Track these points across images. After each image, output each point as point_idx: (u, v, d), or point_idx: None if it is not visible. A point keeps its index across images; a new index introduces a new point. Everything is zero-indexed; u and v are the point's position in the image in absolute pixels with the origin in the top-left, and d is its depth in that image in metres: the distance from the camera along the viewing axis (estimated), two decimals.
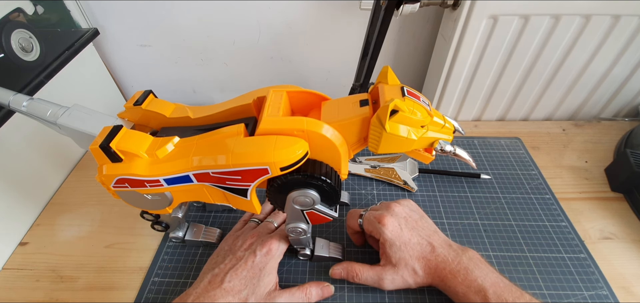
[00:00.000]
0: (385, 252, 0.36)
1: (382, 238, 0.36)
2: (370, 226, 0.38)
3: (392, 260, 0.35)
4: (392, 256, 0.35)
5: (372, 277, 0.36)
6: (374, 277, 0.36)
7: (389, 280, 0.35)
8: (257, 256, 0.36)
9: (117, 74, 0.70)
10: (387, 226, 0.36)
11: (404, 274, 0.35)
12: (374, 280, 0.36)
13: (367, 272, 0.36)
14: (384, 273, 0.35)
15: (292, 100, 0.30)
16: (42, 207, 0.51)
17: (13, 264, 0.45)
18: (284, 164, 0.24)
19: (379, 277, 0.36)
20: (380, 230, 0.36)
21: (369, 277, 0.36)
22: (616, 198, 0.48)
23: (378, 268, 0.36)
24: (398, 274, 0.35)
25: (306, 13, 0.58)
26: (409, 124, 0.25)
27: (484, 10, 0.46)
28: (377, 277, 0.36)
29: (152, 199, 0.30)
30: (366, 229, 0.39)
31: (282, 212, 0.38)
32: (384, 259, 0.36)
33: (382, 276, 0.35)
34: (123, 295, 0.41)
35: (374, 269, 0.36)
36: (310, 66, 0.67)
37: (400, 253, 0.35)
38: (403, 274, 0.35)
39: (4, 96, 0.31)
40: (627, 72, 0.54)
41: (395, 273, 0.35)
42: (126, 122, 0.32)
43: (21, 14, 0.47)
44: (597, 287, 0.39)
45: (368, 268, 0.37)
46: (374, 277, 0.36)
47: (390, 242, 0.35)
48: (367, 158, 0.55)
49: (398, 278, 0.35)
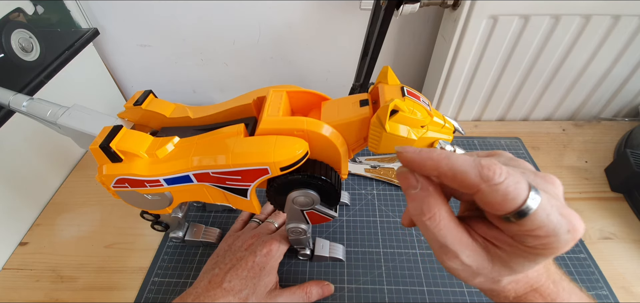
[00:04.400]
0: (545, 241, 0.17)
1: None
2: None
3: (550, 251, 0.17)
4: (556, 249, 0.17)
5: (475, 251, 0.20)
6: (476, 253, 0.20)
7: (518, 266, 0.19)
8: (257, 257, 0.36)
9: (117, 74, 0.70)
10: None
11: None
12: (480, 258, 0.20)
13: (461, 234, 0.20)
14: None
15: (292, 100, 0.30)
16: (42, 207, 0.51)
17: (13, 264, 0.45)
18: (284, 164, 0.24)
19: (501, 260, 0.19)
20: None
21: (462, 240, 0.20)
22: (616, 198, 0.48)
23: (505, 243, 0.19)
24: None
25: (306, 13, 0.58)
26: (409, 124, 0.25)
27: (484, 10, 0.46)
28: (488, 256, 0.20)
29: (152, 199, 0.30)
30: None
31: (282, 213, 0.38)
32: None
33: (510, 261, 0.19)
34: (123, 295, 0.41)
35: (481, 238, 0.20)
36: (310, 66, 0.67)
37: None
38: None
39: (4, 96, 0.31)
40: (627, 72, 0.54)
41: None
42: (126, 122, 0.32)
43: (21, 14, 0.47)
44: (597, 287, 0.39)
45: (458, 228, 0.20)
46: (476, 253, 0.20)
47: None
48: (367, 158, 0.55)
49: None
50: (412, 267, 0.41)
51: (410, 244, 0.43)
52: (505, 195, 0.16)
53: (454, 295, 0.39)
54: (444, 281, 0.40)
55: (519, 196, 0.16)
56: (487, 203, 0.17)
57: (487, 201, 0.17)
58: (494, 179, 0.16)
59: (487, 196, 0.16)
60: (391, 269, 0.41)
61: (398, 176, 0.21)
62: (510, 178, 0.16)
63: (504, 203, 0.16)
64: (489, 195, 0.16)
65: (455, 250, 0.19)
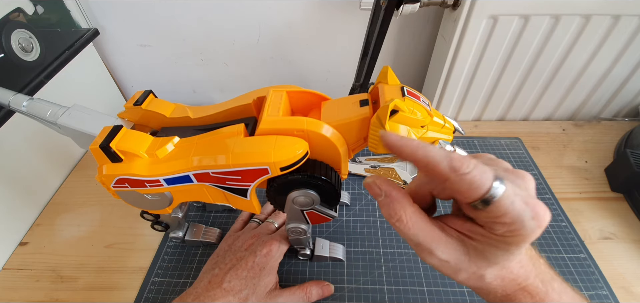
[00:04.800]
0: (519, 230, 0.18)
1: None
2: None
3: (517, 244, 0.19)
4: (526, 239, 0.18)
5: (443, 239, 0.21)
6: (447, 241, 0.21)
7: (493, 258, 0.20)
8: (257, 257, 0.36)
9: (117, 74, 0.70)
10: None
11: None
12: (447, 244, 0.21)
13: (427, 225, 0.21)
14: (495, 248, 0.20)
15: (292, 100, 0.30)
16: (42, 207, 0.51)
17: (13, 264, 0.45)
18: (284, 164, 0.24)
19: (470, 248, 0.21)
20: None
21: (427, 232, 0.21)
22: (616, 198, 0.48)
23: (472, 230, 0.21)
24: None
25: (306, 13, 0.58)
26: (409, 124, 0.25)
27: (484, 10, 0.46)
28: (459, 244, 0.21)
29: (152, 199, 0.30)
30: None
31: (282, 213, 0.38)
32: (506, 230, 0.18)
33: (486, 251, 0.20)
34: (123, 295, 0.41)
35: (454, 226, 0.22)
36: (310, 66, 0.67)
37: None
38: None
39: (4, 96, 0.31)
40: (627, 72, 0.54)
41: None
42: (126, 122, 0.32)
43: (21, 14, 0.47)
44: (597, 287, 0.39)
45: (426, 221, 0.21)
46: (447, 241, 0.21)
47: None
48: (367, 158, 0.55)
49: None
50: (412, 267, 0.41)
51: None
52: (470, 183, 0.18)
53: (454, 295, 0.39)
54: (443, 281, 0.40)
55: (484, 184, 0.18)
56: (455, 190, 0.19)
57: (455, 189, 0.18)
58: (461, 169, 0.18)
59: (455, 185, 0.18)
60: (391, 269, 0.41)
61: (365, 186, 0.23)
62: (477, 169, 0.18)
63: (470, 190, 0.18)
64: (457, 184, 0.18)
65: (429, 247, 0.21)
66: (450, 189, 0.19)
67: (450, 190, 0.19)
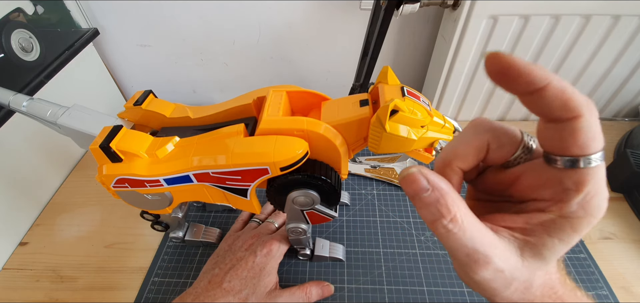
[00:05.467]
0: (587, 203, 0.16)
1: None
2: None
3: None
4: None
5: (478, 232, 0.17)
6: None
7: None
8: (258, 257, 0.36)
9: (117, 74, 0.70)
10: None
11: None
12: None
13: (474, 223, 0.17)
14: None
15: (292, 100, 0.30)
16: (42, 207, 0.51)
17: (13, 264, 0.45)
18: (284, 164, 0.24)
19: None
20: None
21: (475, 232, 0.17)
22: (616, 198, 0.48)
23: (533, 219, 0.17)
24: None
25: (306, 13, 0.58)
26: (409, 124, 0.25)
27: (484, 10, 0.46)
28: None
29: (152, 199, 0.30)
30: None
31: (282, 213, 0.38)
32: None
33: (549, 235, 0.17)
34: (123, 295, 0.41)
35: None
36: (310, 66, 0.67)
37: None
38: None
39: (4, 96, 0.31)
40: (627, 72, 0.54)
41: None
42: (126, 122, 0.32)
43: (21, 14, 0.47)
44: (597, 287, 0.39)
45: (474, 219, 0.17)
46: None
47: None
48: (367, 158, 0.55)
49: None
50: (412, 267, 0.41)
51: (410, 244, 0.43)
52: (595, 134, 0.15)
53: (454, 295, 0.39)
54: (443, 281, 0.40)
55: (600, 142, 0.15)
56: (576, 134, 0.15)
57: (578, 132, 0.15)
58: (595, 112, 0.15)
59: (583, 127, 0.15)
60: (391, 269, 0.41)
61: (402, 181, 0.17)
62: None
63: (593, 141, 0.15)
64: (586, 126, 0.15)
65: (487, 254, 0.16)
66: (566, 129, 0.15)
67: (564, 130, 0.15)
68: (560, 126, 0.15)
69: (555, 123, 0.15)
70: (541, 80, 0.15)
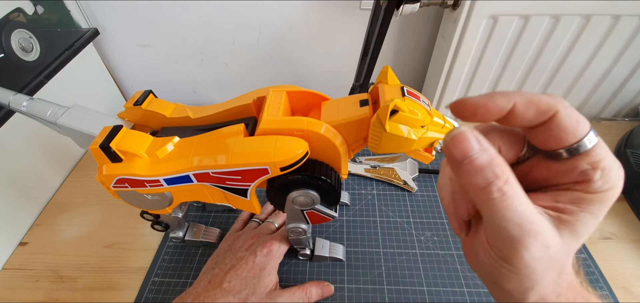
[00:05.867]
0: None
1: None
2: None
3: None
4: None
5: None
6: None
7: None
8: (258, 257, 0.36)
9: (117, 74, 0.70)
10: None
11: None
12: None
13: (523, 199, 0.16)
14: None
15: (292, 100, 0.30)
16: (42, 207, 0.51)
17: (13, 264, 0.45)
18: (284, 164, 0.24)
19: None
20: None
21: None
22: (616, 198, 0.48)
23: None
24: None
25: (306, 13, 0.58)
26: (409, 124, 0.25)
27: (484, 10, 0.46)
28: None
29: (152, 199, 0.30)
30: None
31: (282, 213, 0.38)
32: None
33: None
34: (123, 295, 0.41)
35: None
36: (310, 66, 0.67)
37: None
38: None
39: (4, 96, 0.31)
40: (627, 72, 0.54)
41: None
42: (126, 122, 0.32)
43: (21, 14, 0.47)
44: (597, 287, 0.39)
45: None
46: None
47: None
48: (367, 158, 0.55)
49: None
50: (412, 267, 0.41)
51: (410, 244, 0.43)
52: (577, 117, 0.16)
53: (454, 295, 0.39)
54: (443, 281, 0.40)
55: (586, 122, 0.16)
56: (562, 127, 0.16)
57: (562, 124, 0.16)
58: (564, 101, 0.16)
59: (564, 119, 0.16)
60: (391, 269, 0.41)
61: (450, 143, 0.16)
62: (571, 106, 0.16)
63: (578, 124, 0.16)
64: (565, 116, 0.16)
65: (538, 224, 0.15)
66: (551, 128, 0.16)
67: (553, 127, 0.16)
68: (544, 127, 0.16)
69: (538, 127, 0.17)
70: (506, 103, 0.16)
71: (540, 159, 0.18)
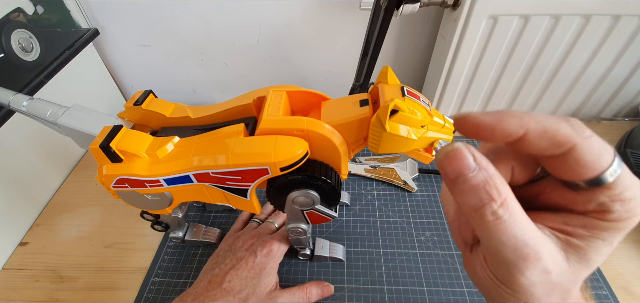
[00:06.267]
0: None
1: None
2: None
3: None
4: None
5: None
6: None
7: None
8: (258, 257, 0.36)
9: (117, 74, 0.70)
10: None
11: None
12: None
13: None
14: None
15: (292, 100, 0.30)
16: (42, 207, 0.51)
17: (13, 264, 0.45)
18: (284, 164, 0.24)
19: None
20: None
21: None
22: None
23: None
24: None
25: (306, 13, 0.58)
26: (409, 124, 0.25)
27: (484, 10, 0.46)
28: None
29: (152, 199, 0.30)
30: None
31: (282, 213, 0.38)
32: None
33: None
34: (123, 295, 0.41)
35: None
36: (310, 66, 0.67)
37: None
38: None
39: (4, 96, 0.31)
40: (627, 72, 0.54)
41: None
42: (126, 122, 0.32)
43: (21, 14, 0.47)
44: (597, 287, 0.39)
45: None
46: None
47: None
48: (367, 158, 0.55)
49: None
50: (412, 267, 0.41)
51: (410, 244, 0.43)
52: (600, 150, 0.14)
53: (454, 295, 0.39)
54: (443, 281, 0.40)
55: (609, 152, 0.14)
56: (580, 161, 0.14)
57: (580, 159, 0.14)
58: (585, 132, 0.14)
59: (583, 153, 0.14)
60: (391, 269, 0.41)
61: (444, 159, 0.15)
62: (594, 135, 0.14)
63: (600, 158, 0.14)
64: (586, 151, 0.14)
65: (537, 249, 0.14)
66: (571, 159, 0.14)
67: (570, 161, 0.14)
68: (560, 159, 0.15)
69: (554, 158, 0.15)
70: (517, 130, 0.14)
71: (555, 181, 0.16)
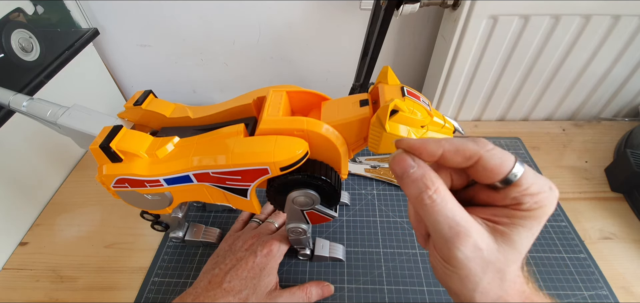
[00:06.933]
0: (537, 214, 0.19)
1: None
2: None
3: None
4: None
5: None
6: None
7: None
8: (258, 257, 0.36)
9: (117, 74, 0.70)
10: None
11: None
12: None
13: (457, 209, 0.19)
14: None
15: (292, 100, 0.30)
16: (42, 207, 0.51)
17: (13, 264, 0.45)
18: (284, 164, 0.24)
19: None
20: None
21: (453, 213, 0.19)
22: (616, 198, 0.48)
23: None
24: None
25: (306, 13, 0.58)
26: (409, 124, 0.25)
27: (484, 10, 0.46)
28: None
29: (152, 199, 0.30)
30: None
31: (282, 213, 0.39)
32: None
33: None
34: (123, 295, 0.41)
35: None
36: (310, 66, 0.67)
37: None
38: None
39: (4, 96, 0.31)
40: (627, 72, 0.54)
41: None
42: (126, 122, 0.32)
43: (21, 14, 0.47)
44: (597, 287, 0.39)
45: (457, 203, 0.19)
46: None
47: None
48: (367, 158, 0.55)
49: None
50: (412, 267, 0.41)
51: (410, 244, 0.43)
52: (501, 157, 0.18)
53: None
54: None
55: (510, 159, 0.18)
56: (487, 168, 0.19)
57: (487, 166, 0.18)
58: (487, 146, 0.19)
59: (488, 161, 0.18)
60: (391, 269, 0.41)
61: (392, 162, 0.20)
62: (496, 148, 0.19)
63: (502, 164, 0.18)
64: (489, 160, 0.18)
65: (467, 227, 0.18)
66: (480, 167, 0.19)
67: (480, 168, 0.19)
68: (474, 168, 0.19)
69: (470, 168, 0.19)
70: (436, 149, 0.19)
71: (483, 185, 0.21)
